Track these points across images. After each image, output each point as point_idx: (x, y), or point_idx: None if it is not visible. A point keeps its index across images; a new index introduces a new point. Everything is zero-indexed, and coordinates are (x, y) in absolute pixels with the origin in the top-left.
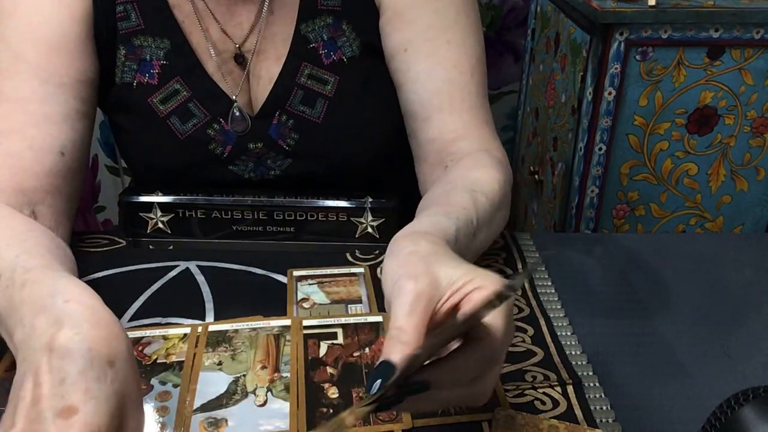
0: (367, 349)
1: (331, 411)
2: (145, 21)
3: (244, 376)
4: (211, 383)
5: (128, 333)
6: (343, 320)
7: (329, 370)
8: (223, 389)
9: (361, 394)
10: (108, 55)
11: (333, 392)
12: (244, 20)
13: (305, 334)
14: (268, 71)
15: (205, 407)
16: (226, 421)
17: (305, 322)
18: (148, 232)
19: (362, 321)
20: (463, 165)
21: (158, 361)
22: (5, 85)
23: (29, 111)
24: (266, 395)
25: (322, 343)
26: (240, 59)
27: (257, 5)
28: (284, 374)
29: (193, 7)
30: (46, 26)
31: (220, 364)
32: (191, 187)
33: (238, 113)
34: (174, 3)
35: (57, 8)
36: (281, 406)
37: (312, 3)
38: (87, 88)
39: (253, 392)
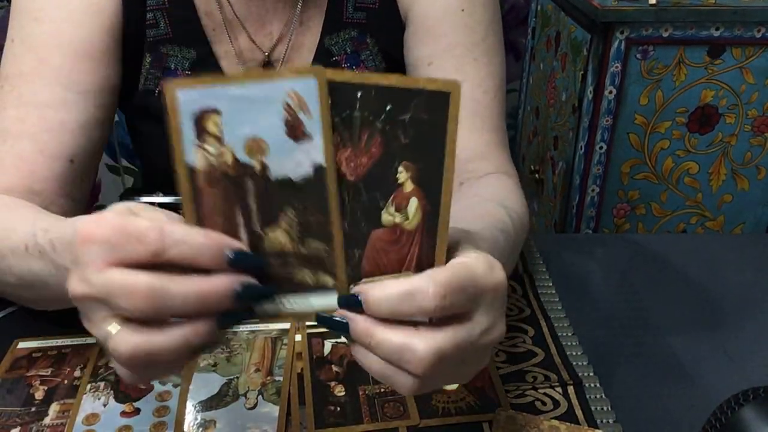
0: None
1: (338, 409)
2: (174, 30)
3: (237, 378)
4: (204, 384)
5: None
6: None
7: (335, 368)
8: (215, 390)
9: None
10: (134, 60)
11: (339, 390)
12: (274, 30)
13: (309, 333)
14: None
15: (196, 408)
16: (215, 422)
17: (309, 322)
18: None
19: None
20: (486, 182)
21: None
22: (26, 89)
23: (45, 116)
24: (257, 398)
25: (326, 341)
26: (268, 67)
27: (288, 15)
28: (277, 378)
29: (223, 16)
30: (75, 33)
31: (215, 365)
32: None
33: None
34: (204, 12)
35: (86, 15)
36: (271, 410)
37: (337, 15)
38: (108, 95)
39: (245, 395)
